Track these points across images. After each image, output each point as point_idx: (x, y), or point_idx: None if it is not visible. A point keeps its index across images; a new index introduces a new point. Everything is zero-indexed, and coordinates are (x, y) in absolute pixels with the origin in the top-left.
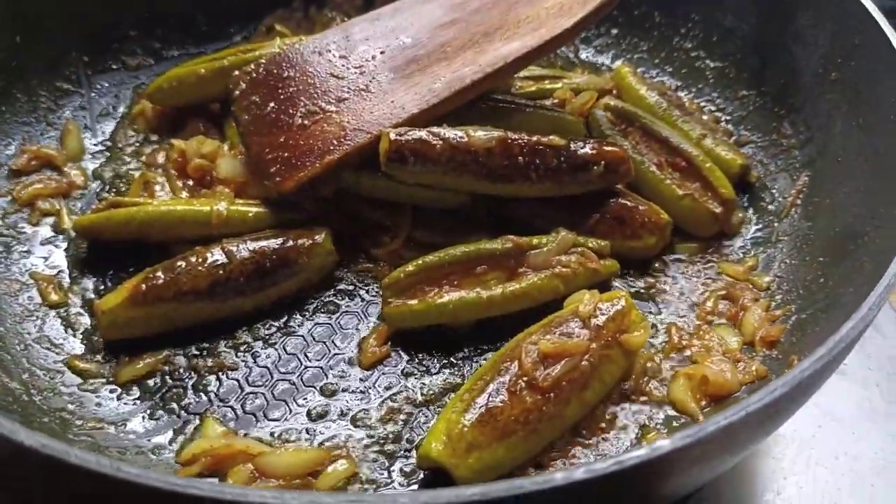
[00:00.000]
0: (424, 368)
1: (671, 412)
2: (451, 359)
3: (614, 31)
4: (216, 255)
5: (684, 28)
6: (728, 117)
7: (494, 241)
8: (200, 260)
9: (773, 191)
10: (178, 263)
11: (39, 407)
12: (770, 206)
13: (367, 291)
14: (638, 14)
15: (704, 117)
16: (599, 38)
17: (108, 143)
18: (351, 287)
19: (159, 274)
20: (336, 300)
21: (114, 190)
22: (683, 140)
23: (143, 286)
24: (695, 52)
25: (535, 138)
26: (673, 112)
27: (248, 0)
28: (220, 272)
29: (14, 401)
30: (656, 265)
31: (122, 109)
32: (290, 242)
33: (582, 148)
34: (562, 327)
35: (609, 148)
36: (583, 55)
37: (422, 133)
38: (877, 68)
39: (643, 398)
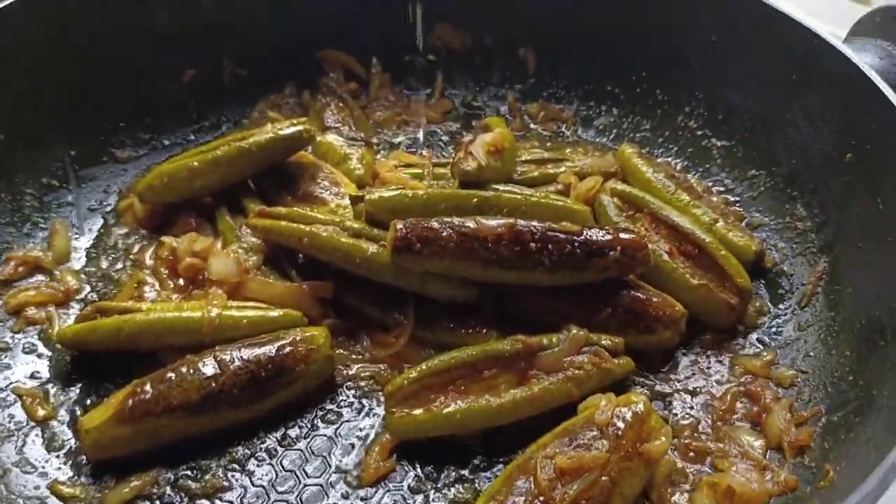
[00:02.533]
0: (433, 483)
1: None
2: (461, 471)
3: (616, 111)
4: (208, 366)
5: (688, 106)
6: (738, 198)
7: (502, 341)
8: (191, 371)
9: (791, 277)
10: (168, 375)
11: None
12: (789, 294)
13: (370, 398)
14: (640, 92)
15: (714, 199)
16: (601, 118)
17: (97, 242)
18: (352, 393)
19: (147, 388)
20: (336, 409)
21: (103, 292)
22: (694, 226)
23: (130, 401)
24: (700, 130)
25: (546, 224)
26: (681, 195)
27: (239, 86)
28: (213, 384)
29: None
30: (670, 360)
31: (110, 204)
32: (287, 349)
33: (597, 233)
34: (578, 438)
35: (625, 234)
36: (584, 136)
37: (430, 221)
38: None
39: None
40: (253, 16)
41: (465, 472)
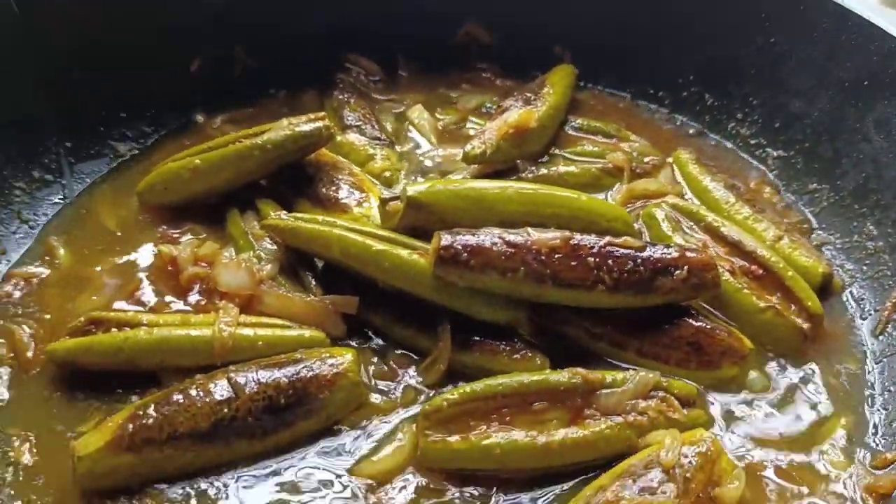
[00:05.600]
0: None
1: None
2: None
3: (658, 116)
4: (220, 388)
5: (741, 112)
6: (800, 213)
7: (559, 372)
8: (202, 394)
9: (862, 302)
10: (175, 397)
11: None
12: (859, 321)
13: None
14: (686, 95)
15: (777, 211)
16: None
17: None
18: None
19: (150, 411)
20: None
21: None
22: (758, 243)
23: (130, 426)
24: (754, 139)
25: (605, 239)
26: (742, 209)
27: (250, 79)
28: (225, 410)
29: None
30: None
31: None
32: (310, 373)
33: (662, 250)
34: (641, 480)
35: (692, 253)
36: (624, 145)
37: (477, 233)
38: None
39: None
40: (270, 5)
41: None
